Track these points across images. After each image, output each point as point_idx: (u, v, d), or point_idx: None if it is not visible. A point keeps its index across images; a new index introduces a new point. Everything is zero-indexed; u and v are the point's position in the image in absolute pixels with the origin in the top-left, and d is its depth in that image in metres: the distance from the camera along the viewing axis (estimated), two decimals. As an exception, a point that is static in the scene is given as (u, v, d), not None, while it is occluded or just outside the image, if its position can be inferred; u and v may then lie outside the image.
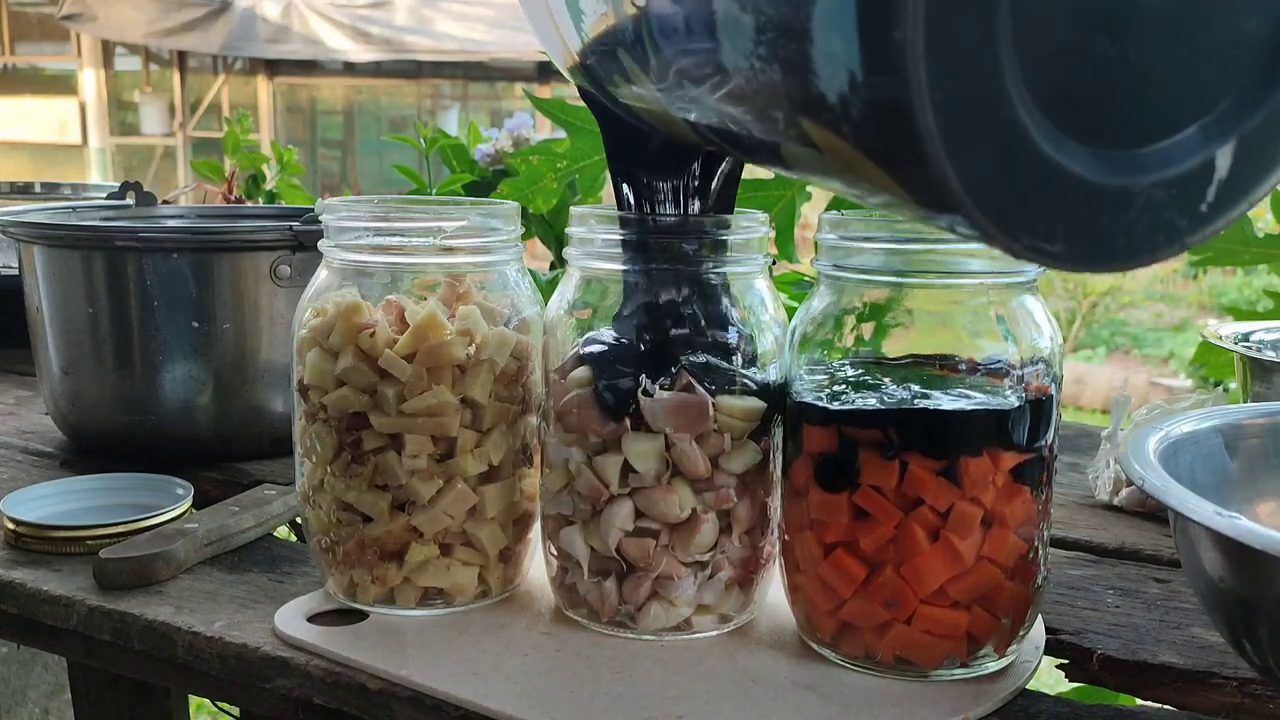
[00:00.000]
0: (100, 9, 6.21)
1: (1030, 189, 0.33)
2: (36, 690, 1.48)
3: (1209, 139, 0.35)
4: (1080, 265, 0.35)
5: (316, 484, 0.59)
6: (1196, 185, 0.35)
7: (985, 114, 0.32)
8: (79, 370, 0.84)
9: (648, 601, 0.56)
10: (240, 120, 1.72)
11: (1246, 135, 0.35)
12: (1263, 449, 0.60)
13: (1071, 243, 0.34)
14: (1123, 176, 0.34)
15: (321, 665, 0.54)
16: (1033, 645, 0.56)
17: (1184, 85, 0.34)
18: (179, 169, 7.32)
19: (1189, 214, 0.35)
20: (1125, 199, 0.34)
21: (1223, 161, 0.35)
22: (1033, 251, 0.34)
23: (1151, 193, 0.34)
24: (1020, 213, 0.33)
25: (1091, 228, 0.34)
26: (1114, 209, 0.34)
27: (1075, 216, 0.34)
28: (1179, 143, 0.34)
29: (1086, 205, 0.34)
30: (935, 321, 0.53)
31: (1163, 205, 0.35)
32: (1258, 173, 0.36)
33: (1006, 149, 0.32)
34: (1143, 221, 0.35)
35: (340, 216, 0.59)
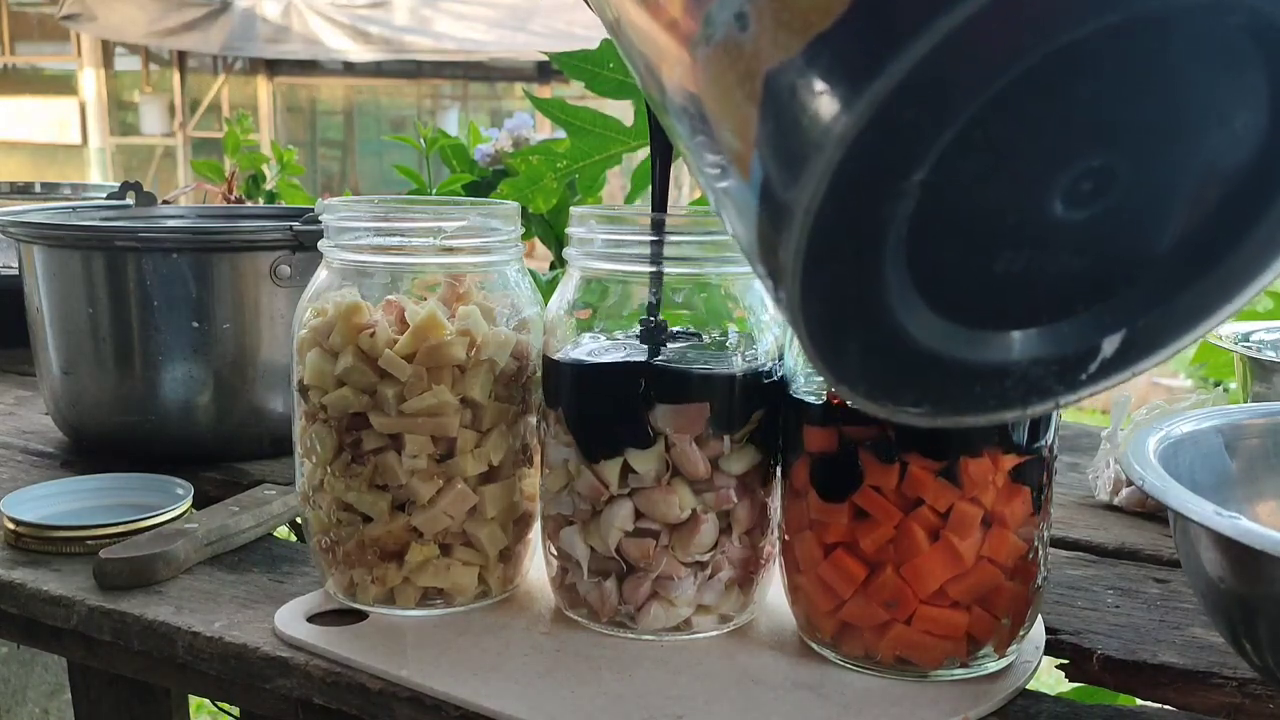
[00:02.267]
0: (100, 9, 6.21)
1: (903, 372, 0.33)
2: (36, 690, 1.48)
3: (1098, 329, 0.34)
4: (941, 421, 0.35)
5: (316, 484, 0.59)
6: (1079, 364, 0.35)
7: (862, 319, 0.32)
8: (79, 370, 0.84)
9: (648, 602, 0.56)
10: (240, 120, 1.72)
11: (1138, 328, 0.34)
12: (1263, 449, 0.60)
13: (938, 407, 0.34)
14: (1003, 356, 0.34)
15: (321, 665, 0.54)
16: (1033, 645, 0.56)
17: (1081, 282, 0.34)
18: (179, 169, 7.32)
19: (1067, 384, 0.35)
20: (1001, 373, 0.34)
21: (1109, 347, 0.35)
22: (894, 414, 0.34)
23: (1030, 369, 0.34)
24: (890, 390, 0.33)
25: (962, 397, 0.34)
26: (989, 381, 0.34)
27: (948, 389, 0.34)
28: (1067, 329, 0.34)
29: (961, 379, 0.34)
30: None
31: (1041, 377, 0.35)
32: (1143, 355, 0.35)
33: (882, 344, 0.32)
34: (1017, 389, 0.34)
35: (340, 216, 0.59)
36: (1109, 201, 0.32)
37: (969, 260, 0.33)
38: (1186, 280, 0.34)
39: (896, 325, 0.32)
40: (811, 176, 0.28)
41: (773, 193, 0.30)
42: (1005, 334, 0.34)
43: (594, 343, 0.57)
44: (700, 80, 0.34)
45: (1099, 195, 0.32)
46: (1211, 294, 0.34)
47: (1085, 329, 0.34)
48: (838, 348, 0.32)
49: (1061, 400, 0.35)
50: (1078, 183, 0.32)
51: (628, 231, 0.56)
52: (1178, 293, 0.34)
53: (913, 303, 0.32)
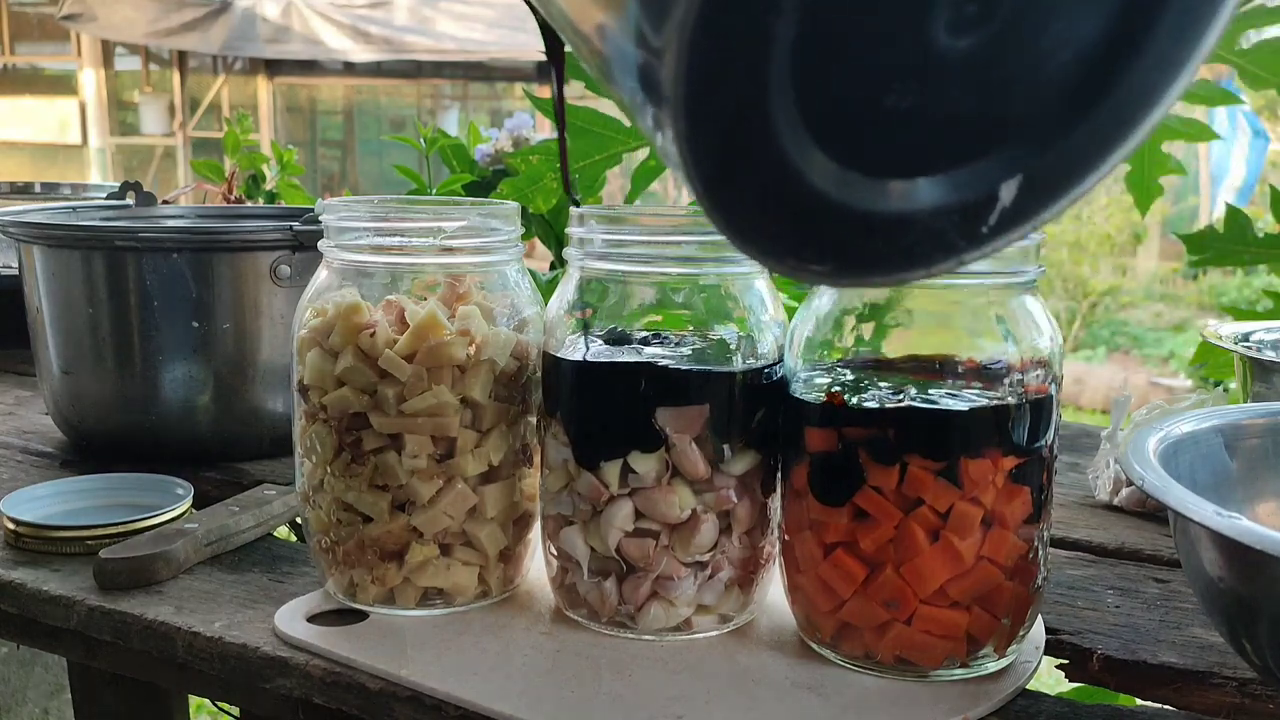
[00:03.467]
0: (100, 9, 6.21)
1: (798, 219, 0.33)
2: (36, 690, 1.48)
3: (995, 174, 0.34)
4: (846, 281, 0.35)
5: (316, 484, 0.59)
6: (979, 214, 0.34)
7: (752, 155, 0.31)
8: (79, 370, 0.84)
9: (648, 601, 0.56)
10: (240, 120, 1.72)
11: (1033, 172, 0.34)
12: (1263, 449, 0.60)
13: (841, 262, 0.34)
14: (901, 205, 0.34)
15: (321, 665, 0.54)
16: (1033, 645, 0.56)
17: (973, 124, 0.34)
18: (179, 169, 7.32)
19: (969, 236, 0.35)
20: (903, 224, 0.34)
21: (1006, 194, 0.34)
22: (800, 272, 0.34)
23: (931, 219, 0.34)
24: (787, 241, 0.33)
25: (864, 250, 0.34)
26: (891, 233, 0.34)
27: (847, 242, 0.34)
28: (964, 175, 0.34)
29: (862, 231, 0.33)
30: (935, 322, 0.53)
31: (943, 229, 0.34)
32: (1044, 203, 0.35)
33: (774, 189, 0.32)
34: (921, 243, 0.34)
35: (340, 216, 0.59)
36: (992, 28, 0.32)
37: (858, 96, 0.32)
38: (1076, 120, 0.34)
39: (790, 168, 0.32)
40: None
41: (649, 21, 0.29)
42: (903, 181, 0.34)
43: (594, 343, 0.57)
44: None
45: (982, 20, 0.32)
46: (1102, 133, 0.34)
47: (981, 175, 0.34)
48: (731, 194, 0.31)
49: (965, 256, 0.35)
50: (963, 3, 0.32)
51: (628, 231, 0.56)
52: (1068, 133, 0.34)
53: (806, 145, 0.32)
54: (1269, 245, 0.97)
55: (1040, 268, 0.53)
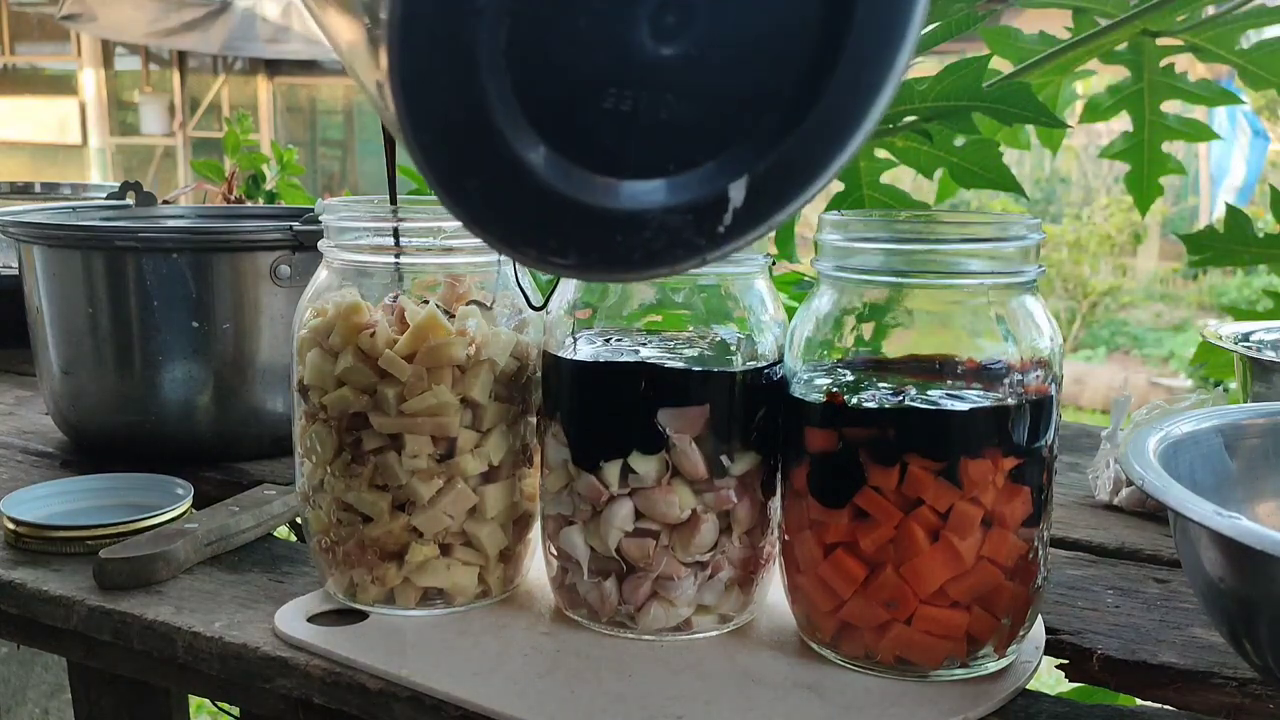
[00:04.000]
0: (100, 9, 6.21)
1: (535, 214, 0.34)
2: (36, 690, 1.48)
3: (721, 175, 0.36)
4: (596, 275, 0.37)
5: (316, 484, 0.59)
6: (712, 212, 0.36)
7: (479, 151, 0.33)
8: (79, 370, 0.84)
9: (648, 602, 0.56)
10: (240, 120, 1.71)
11: (758, 174, 0.36)
12: (1263, 449, 0.60)
13: (585, 257, 0.35)
14: (635, 203, 0.35)
15: (321, 665, 0.54)
16: (1033, 645, 0.56)
17: (696, 130, 0.35)
18: (179, 169, 7.32)
19: (707, 235, 0.36)
20: (639, 222, 0.35)
21: (736, 194, 0.36)
22: (545, 264, 0.35)
23: (665, 218, 0.36)
24: (526, 233, 0.34)
25: (605, 246, 0.35)
26: (628, 230, 0.35)
27: (587, 237, 0.35)
28: (693, 176, 0.36)
29: (599, 227, 0.35)
30: (935, 321, 0.53)
31: (679, 227, 0.36)
32: (774, 204, 0.37)
33: (504, 181, 0.33)
34: (659, 240, 0.36)
35: (340, 216, 0.59)
36: (696, 36, 0.34)
37: (576, 98, 0.34)
38: (790, 126, 0.36)
39: (517, 162, 0.33)
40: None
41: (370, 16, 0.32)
42: (633, 181, 0.35)
43: (593, 343, 0.57)
44: None
45: (684, 28, 0.34)
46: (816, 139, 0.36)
47: (709, 176, 0.36)
48: (465, 186, 0.33)
49: (708, 255, 0.37)
50: (660, 13, 0.33)
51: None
52: (785, 139, 0.36)
53: (530, 141, 0.33)
54: (1269, 245, 0.97)
55: (1040, 268, 0.53)
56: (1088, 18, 0.99)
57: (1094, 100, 1.09)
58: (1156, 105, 1.05)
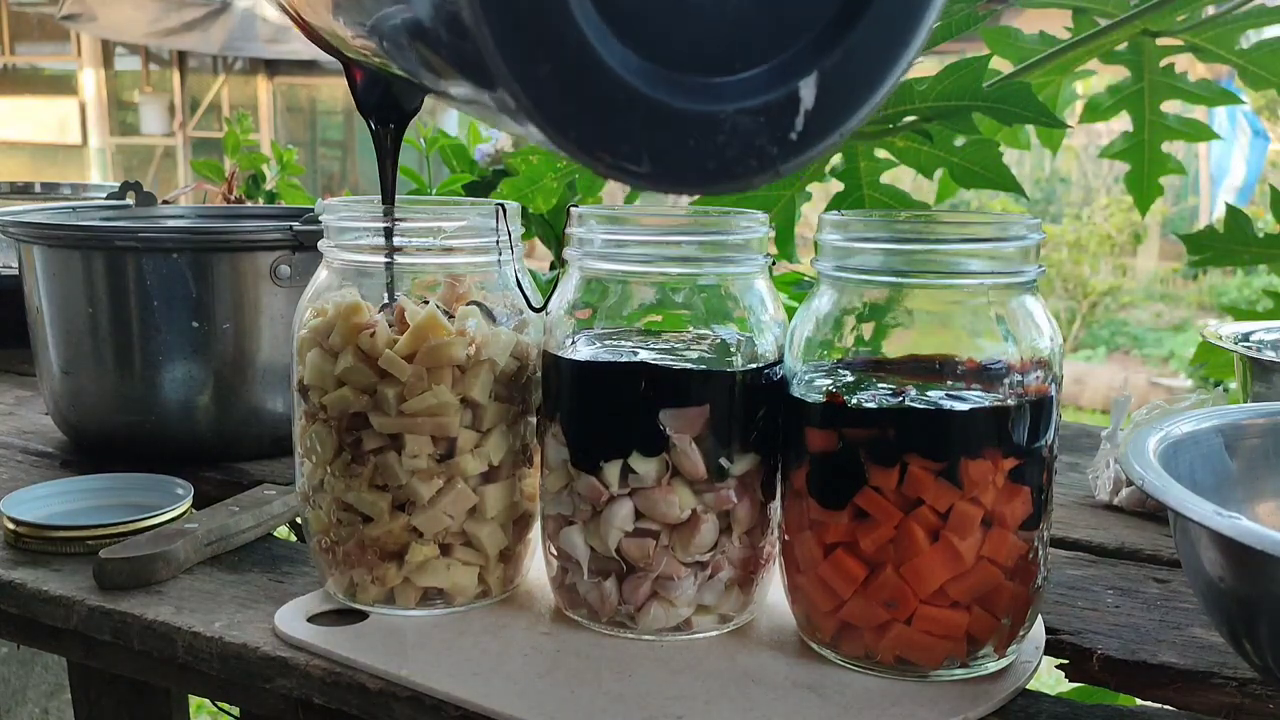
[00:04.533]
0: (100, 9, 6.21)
1: (609, 112, 0.34)
2: (36, 690, 1.48)
3: (791, 72, 0.36)
4: (670, 186, 0.36)
5: (316, 484, 0.59)
6: (783, 115, 0.36)
7: (552, 40, 0.32)
8: (79, 370, 0.84)
9: (648, 602, 0.56)
10: (240, 120, 1.71)
11: (827, 70, 0.36)
12: (1263, 449, 0.60)
13: (659, 164, 0.35)
14: (708, 103, 0.35)
15: (321, 665, 0.54)
16: (1033, 645, 0.56)
17: (765, 22, 0.35)
18: (179, 169, 7.32)
19: (779, 142, 0.36)
20: (711, 124, 0.35)
21: (807, 94, 0.36)
22: (619, 171, 0.35)
23: (738, 119, 0.35)
24: (600, 134, 0.34)
25: (679, 151, 0.35)
26: (700, 133, 0.35)
27: (661, 139, 0.35)
28: (763, 74, 0.35)
29: (671, 129, 0.35)
30: (935, 322, 0.53)
31: (751, 132, 0.36)
32: (844, 106, 0.37)
33: (578, 74, 0.33)
34: (732, 146, 0.35)
35: (340, 216, 0.59)
36: None
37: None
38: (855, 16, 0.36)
39: (592, 56, 0.33)
40: None
41: None
42: (704, 78, 0.35)
43: (593, 344, 0.57)
44: None
45: None
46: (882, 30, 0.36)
47: (779, 74, 0.36)
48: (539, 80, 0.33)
49: (780, 166, 0.37)
50: None
51: (628, 231, 0.56)
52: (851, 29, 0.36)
53: (604, 34, 0.33)
54: (1269, 245, 0.97)
55: (1040, 268, 0.53)
56: (1088, 18, 0.99)
57: (1094, 100, 1.09)
58: (1156, 105, 1.05)
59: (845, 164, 0.97)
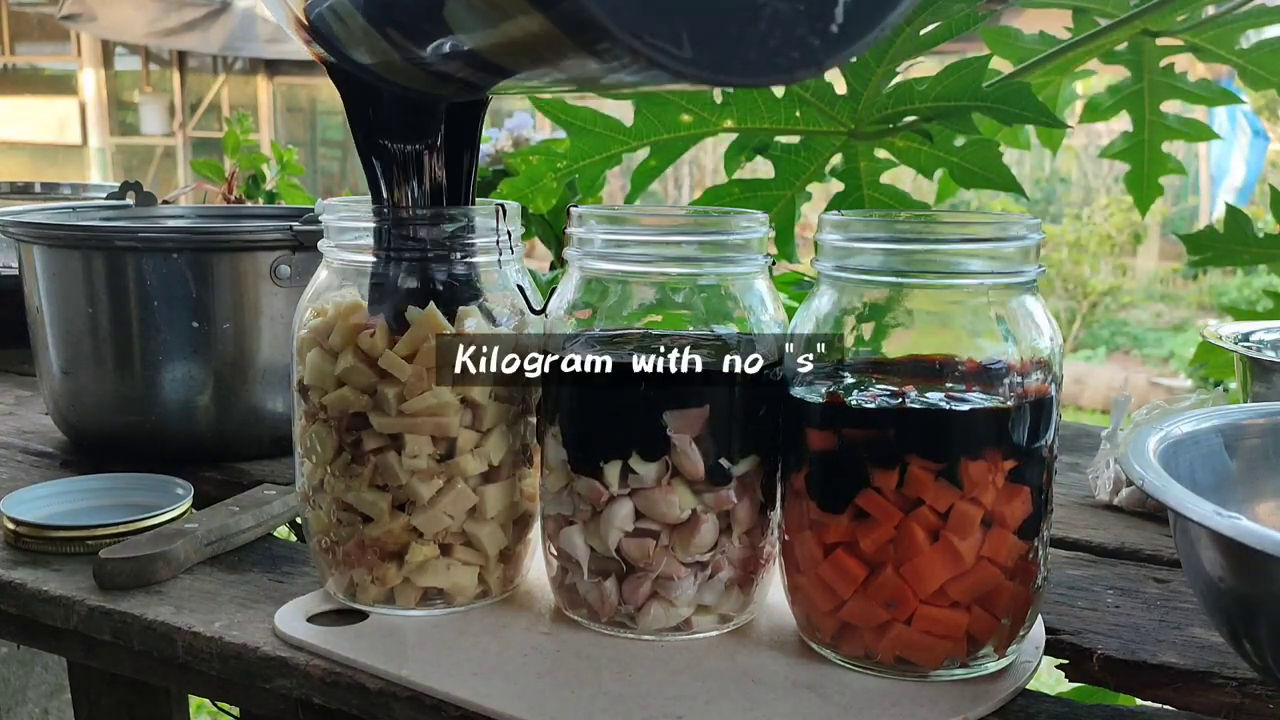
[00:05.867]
0: (100, 9, 6.21)
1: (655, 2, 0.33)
2: (36, 690, 1.48)
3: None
4: (714, 75, 0.36)
5: (316, 484, 0.59)
6: (824, 4, 0.35)
7: None
8: (79, 370, 0.84)
9: (648, 602, 0.56)
10: (240, 120, 1.71)
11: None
12: (1263, 449, 0.60)
13: (700, 50, 0.34)
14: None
15: (321, 665, 0.54)
16: (1033, 645, 0.56)
17: None
18: (179, 169, 7.32)
19: (820, 34, 0.36)
20: (751, 9, 0.35)
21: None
22: (661, 55, 0.34)
23: (779, 6, 0.35)
24: (642, 15, 0.33)
25: (720, 37, 0.35)
26: (741, 19, 0.35)
27: (701, 24, 0.34)
28: None
29: (712, 13, 0.34)
30: (935, 322, 0.53)
31: (792, 21, 0.35)
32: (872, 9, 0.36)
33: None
34: (774, 36, 0.35)
35: (340, 216, 0.59)
36: None
37: None
38: None
39: None
40: None
41: None
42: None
43: (593, 344, 0.57)
44: None
45: None
46: None
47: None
48: None
49: (823, 60, 0.36)
50: None
51: (628, 231, 0.56)
52: None
53: None
54: (1269, 245, 0.97)
55: (1040, 268, 0.53)
56: (1088, 18, 0.99)
57: (1094, 100, 1.09)
58: (1156, 105, 1.05)
59: (845, 164, 0.97)
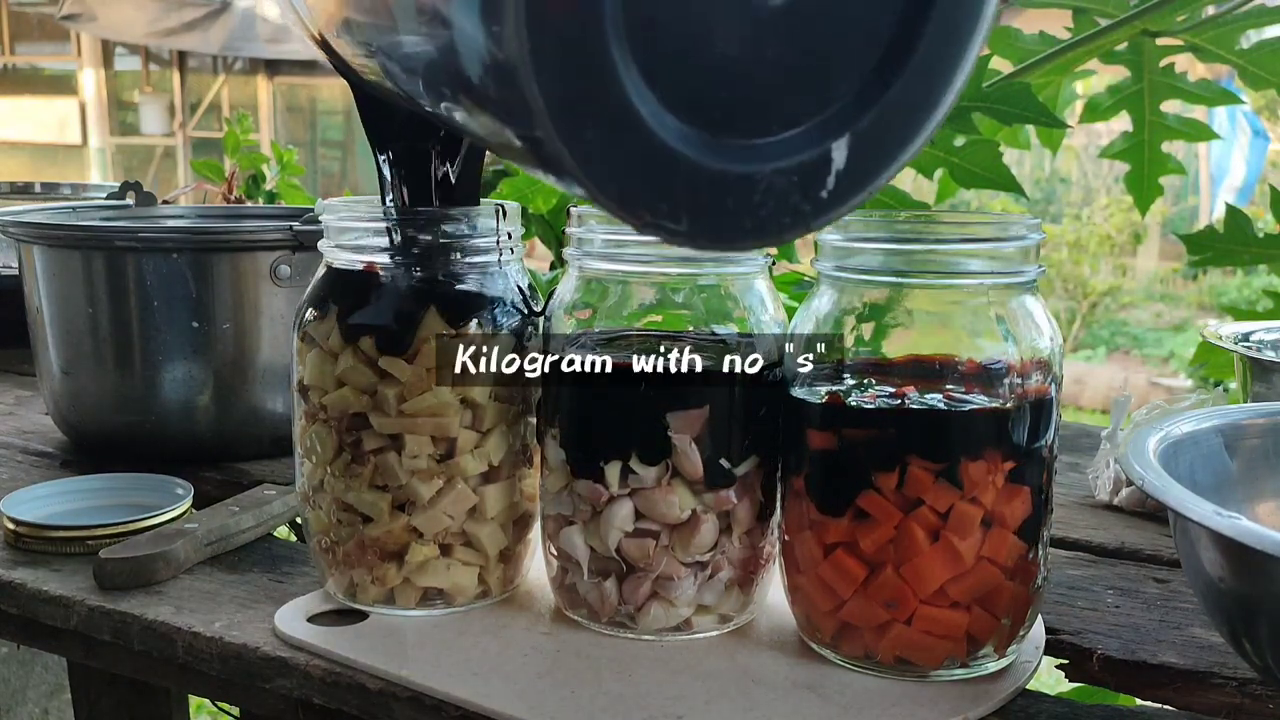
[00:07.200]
0: (100, 9, 6.20)
1: (651, 173, 0.35)
2: (36, 690, 1.48)
3: (825, 134, 0.37)
4: (707, 244, 0.38)
5: (316, 484, 0.59)
6: (816, 175, 0.37)
7: (599, 105, 0.33)
8: (79, 370, 0.84)
9: (648, 602, 0.56)
10: (240, 120, 1.71)
11: (860, 132, 0.37)
12: (1263, 449, 0.60)
13: (696, 222, 0.36)
14: (745, 164, 0.36)
15: (321, 665, 0.54)
16: (1033, 645, 0.56)
17: (800, 84, 0.36)
18: (179, 169, 7.32)
19: (812, 200, 0.37)
20: (748, 184, 0.36)
21: (839, 154, 0.37)
22: (658, 229, 0.36)
23: (773, 179, 0.36)
24: (641, 193, 0.35)
25: (716, 210, 0.36)
26: (738, 193, 0.36)
27: (699, 199, 0.36)
28: (797, 135, 0.37)
29: (710, 189, 0.36)
30: (935, 322, 0.53)
31: (786, 191, 0.37)
32: (874, 166, 0.38)
33: (622, 136, 0.34)
34: (767, 205, 0.36)
35: (340, 216, 0.59)
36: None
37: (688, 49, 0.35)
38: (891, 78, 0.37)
39: (632, 113, 0.34)
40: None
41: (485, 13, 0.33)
42: (743, 140, 0.36)
43: (593, 344, 0.57)
44: None
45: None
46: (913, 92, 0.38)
47: (813, 135, 0.37)
48: (580, 134, 0.34)
49: (812, 222, 0.38)
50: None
51: (628, 231, 0.56)
52: (886, 91, 0.37)
53: (644, 93, 0.34)
54: (1269, 245, 0.97)
55: (1040, 268, 0.53)
56: (1088, 18, 0.99)
57: (1094, 100, 1.09)
58: (1156, 105, 1.05)
59: (845, 164, 0.97)
